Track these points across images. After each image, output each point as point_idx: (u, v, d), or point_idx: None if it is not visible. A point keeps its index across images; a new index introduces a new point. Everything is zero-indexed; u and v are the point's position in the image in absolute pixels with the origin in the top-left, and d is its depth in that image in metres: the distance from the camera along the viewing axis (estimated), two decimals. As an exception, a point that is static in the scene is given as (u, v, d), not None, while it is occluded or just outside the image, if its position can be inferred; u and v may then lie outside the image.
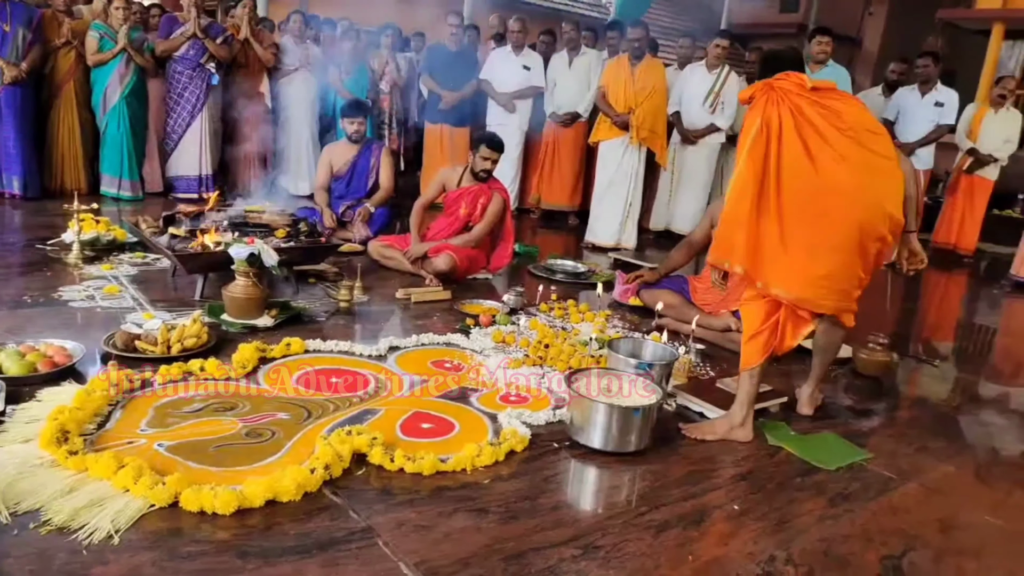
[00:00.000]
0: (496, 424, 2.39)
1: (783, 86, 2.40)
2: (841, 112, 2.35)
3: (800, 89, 2.38)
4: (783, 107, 2.37)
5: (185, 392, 2.41)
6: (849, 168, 2.30)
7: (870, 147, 2.33)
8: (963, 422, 2.96)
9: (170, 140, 5.86)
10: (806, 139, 2.33)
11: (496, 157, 4.20)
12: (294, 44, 6.35)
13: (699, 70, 6.06)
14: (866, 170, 2.31)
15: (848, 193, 2.30)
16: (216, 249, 3.27)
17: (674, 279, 3.80)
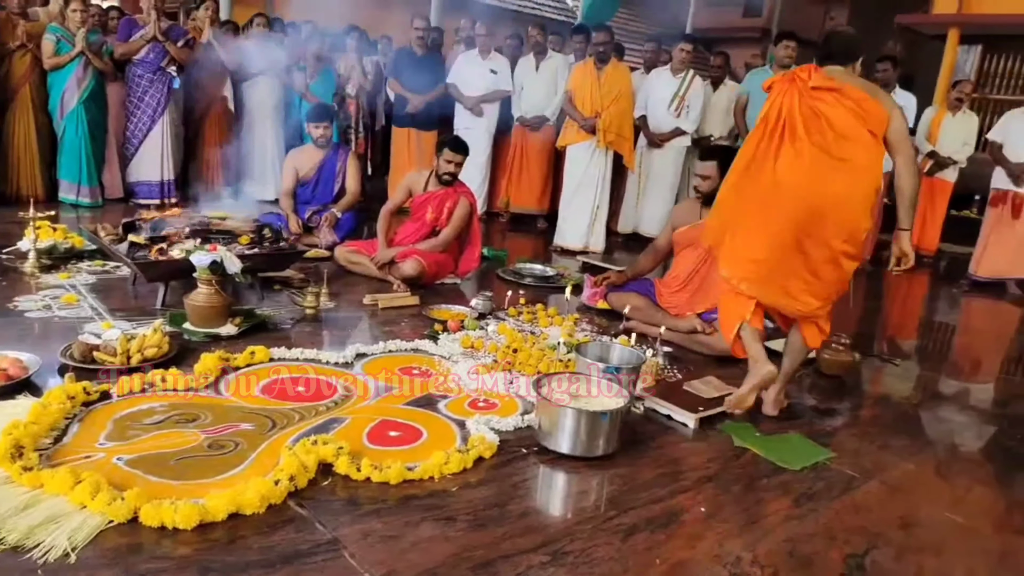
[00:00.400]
0: (464, 431, 2.38)
1: (801, 76, 2.50)
2: (830, 116, 2.43)
3: (803, 85, 2.48)
4: (788, 99, 2.49)
5: (145, 404, 2.35)
6: (799, 168, 2.44)
7: (836, 153, 2.43)
8: (924, 419, 3.03)
9: (130, 145, 5.75)
10: (784, 134, 2.47)
11: (460, 160, 4.19)
12: (258, 47, 6.25)
13: (664, 74, 6.12)
14: (815, 174, 2.42)
15: (788, 191, 2.45)
16: (177, 257, 3.21)
17: (641, 282, 3.82)
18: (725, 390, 2.82)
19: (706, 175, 3.51)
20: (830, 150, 2.42)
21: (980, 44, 9.37)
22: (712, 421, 2.65)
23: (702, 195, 3.56)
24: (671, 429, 2.59)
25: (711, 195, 3.50)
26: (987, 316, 5.38)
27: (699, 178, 3.56)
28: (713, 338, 3.36)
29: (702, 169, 3.55)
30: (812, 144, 2.43)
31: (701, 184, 3.55)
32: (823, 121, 2.42)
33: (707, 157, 3.57)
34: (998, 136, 5.83)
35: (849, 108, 2.44)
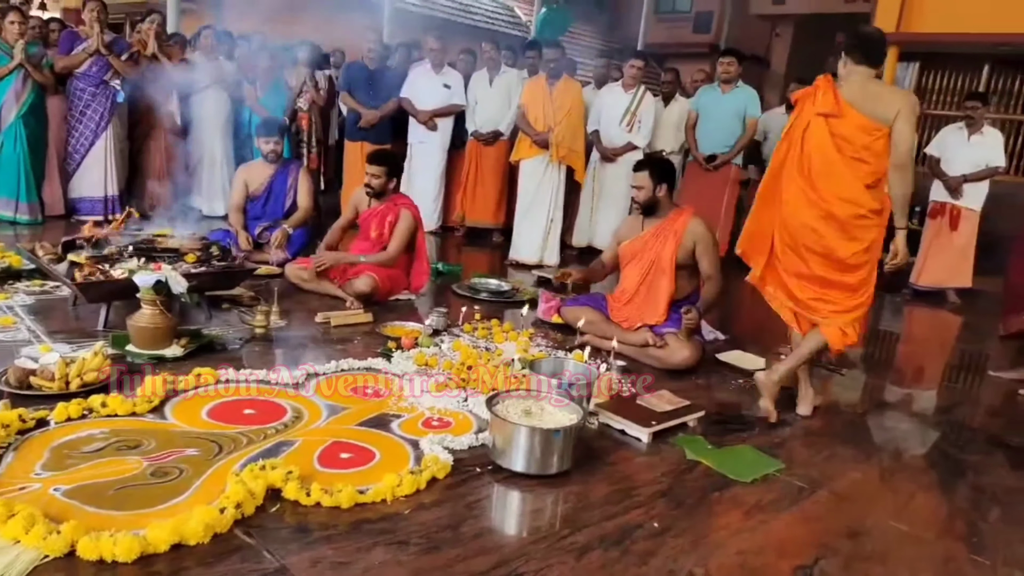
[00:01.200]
0: (418, 451, 2.35)
1: (822, 100, 2.78)
2: (834, 125, 2.75)
3: (827, 108, 2.76)
4: (806, 114, 2.81)
5: (85, 431, 2.27)
6: (797, 185, 2.81)
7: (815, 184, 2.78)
8: (869, 428, 3.10)
9: (72, 160, 5.58)
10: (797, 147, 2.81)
11: (376, 171, 4.14)
12: (205, 60, 6.16)
13: (616, 90, 6.20)
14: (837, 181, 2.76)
15: (787, 203, 2.86)
16: (120, 276, 3.12)
17: (593, 297, 3.85)
18: (677, 403, 2.85)
19: (640, 185, 3.56)
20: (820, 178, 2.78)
21: (918, 61, 9.73)
22: (665, 435, 2.67)
23: (640, 205, 3.61)
24: (624, 444, 2.61)
25: (648, 205, 3.57)
26: (929, 324, 5.56)
27: (634, 189, 3.60)
28: (665, 351, 3.40)
29: (636, 180, 3.59)
30: (799, 173, 2.80)
31: (637, 195, 3.59)
32: (850, 139, 2.74)
33: (639, 168, 3.61)
34: (935, 150, 6.04)
35: (838, 135, 2.74)
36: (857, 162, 2.74)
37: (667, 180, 3.56)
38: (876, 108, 2.72)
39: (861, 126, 2.72)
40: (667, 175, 3.58)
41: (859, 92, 2.76)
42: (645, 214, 3.61)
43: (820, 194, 2.78)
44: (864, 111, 2.73)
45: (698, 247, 3.48)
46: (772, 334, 4.40)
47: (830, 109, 2.74)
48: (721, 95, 6.00)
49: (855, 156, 2.74)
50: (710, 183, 6.01)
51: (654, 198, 3.55)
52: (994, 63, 9.28)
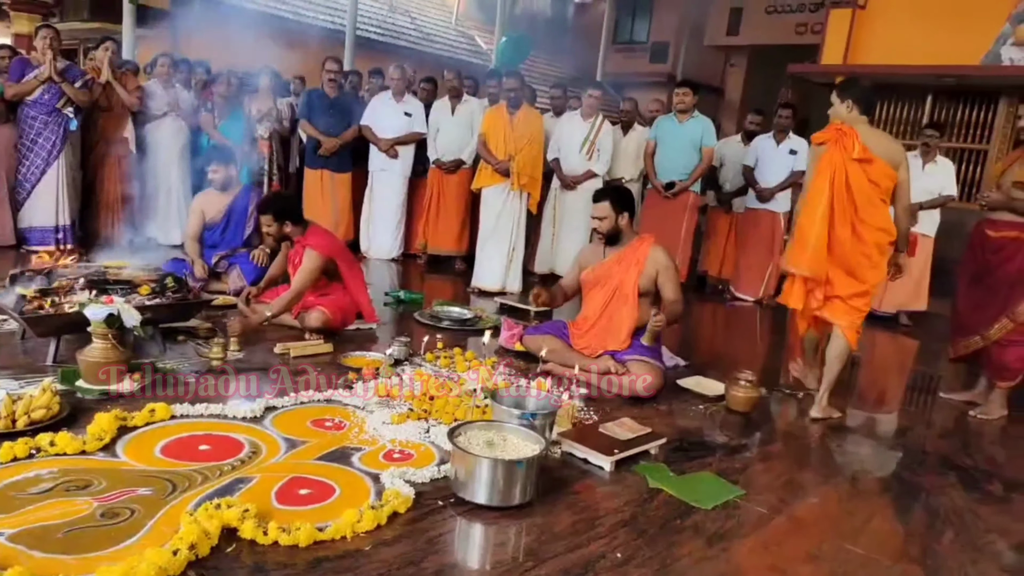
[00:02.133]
0: (379, 484, 2.32)
1: (845, 142, 3.27)
2: (869, 170, 3.26)
3: (849, 150, 3.26)
4: (839, 165, 3.29)
5: (32, 471, 2.19)
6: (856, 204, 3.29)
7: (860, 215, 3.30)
8: (827, 452, 3.15)
9: (22, 189, 5.44)
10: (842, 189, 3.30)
11: (266, 221, 3.93)
12: (161, 88, 6.09)
13: (575, 118, 6.29)
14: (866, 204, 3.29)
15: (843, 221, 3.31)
16: (70, 309, 3.03)
17: (555, 324, 3.87)
18: (639, 431, 2.86)
19: (601, 216, 3.59)
20: (856, 211, 3.30)
21: (865, 92, 10.08)
22: (627, 463, 2.68)
23: (602, 235, 3.64)
24: (588, 472, 2.61)
25: (611, 234, 3.61)
26: (883, 348, 5.69)
27: (595, 220, 3.63)
28: (626, 378, 3.42)
29: (597, 211, 3.61)
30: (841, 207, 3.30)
31: (599, 225, 3.62)
32: (869, 172, 3.26)
33: (599, 198, 3.64)
34: None
35: (871, 178, 3.27)
36: (882, 200, 3.32)
37: (627, 208, 3.62)
38: (890, 156, 3.29)
39: (885, 172, 3.28)
40: (627, 204, 3.63)
41: (873, 141, 3.29)
42: (608, 243, 3.65)
43: (867, 224, 3.29)
44: (884, 158, 3.27)
45: (660, 274, 3.52)
46: (730, 360, 4.47)
47: (862, 155, 3.24)
48: (678, 124, 6.13)
49: (881, 196, 3.31)
50: (669, 210, 6.11)
51: (616, 227, 3.59)
52: (937, 93, 9.65)
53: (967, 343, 3.90)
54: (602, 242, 3.68)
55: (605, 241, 3.65)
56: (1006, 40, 8.46)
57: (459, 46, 14.70)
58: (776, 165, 6.26)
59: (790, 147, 6.27)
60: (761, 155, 6.34)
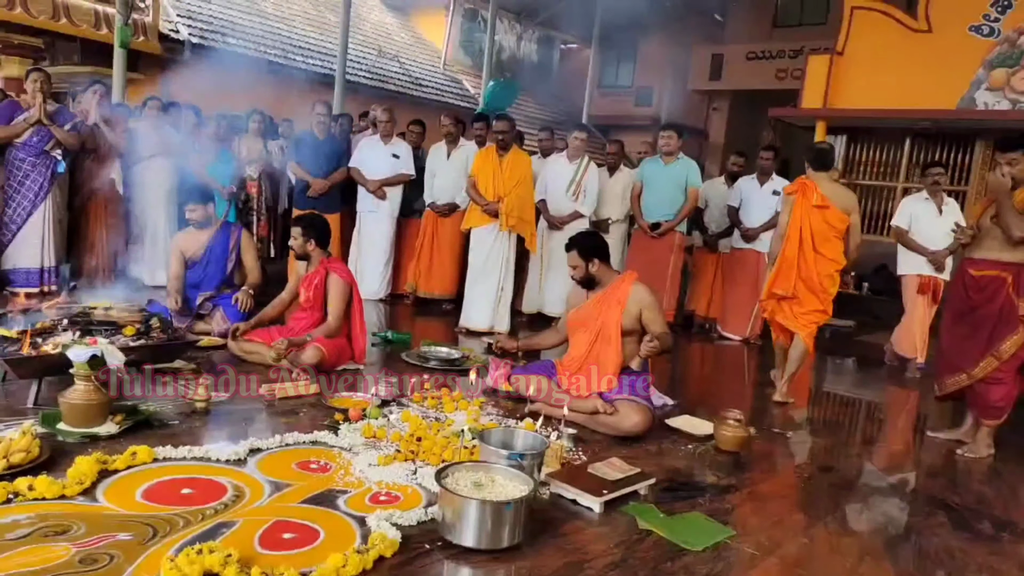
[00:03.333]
0: (365, 528, 2.28)
1: (807, 193, 4.30)
2: (826, 214, 4.28)
3: (810, 200, 4.30)
4: (803, 209, 4.31)
5: (10, 516, 2.14)
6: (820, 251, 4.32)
7: (817, 248, 4.32)
8: (816, 492, 3.14)
9: (7, 230, 5.40)
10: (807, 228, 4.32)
11: (295, 232, 4.21)
12: (151, 130, 6.12)
13: (561, 160, 6.38)
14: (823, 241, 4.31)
15: (806, 262, 4.32)
16: (52, 351, 3.00)
17: (543, 364, 3.86)
18: (628, 471, 2.84)
19: (573, 264, 3.65)
20: (814, 246, 4.31)
21: (845, 134, 10.29)
22: (617, 503, 2.65)
23: (578, 281, 3.69)
24: (577, 513, 2.58)
25: (586, 280, 3.64)
26: (871, 387, 5.71)
27: (570, 268, 3.68)
28: (615, 418, 3.41)
29: (569, 259, 3.67)
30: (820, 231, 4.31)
31: (573, 273, 3.67)
32: (827, 217, 4.28)
33: (568, 248, 3.68)
34: (903, 223, 5.89)
35: (827, 220, 4.28)
36: (836, 237, 4.31)
37: (596, 254, 3.63)
38: (844, 204, 4.30)
39: (838, 216, 4.28)
40: (595, 250, 3.64)
41: (829, 192, 4.31)
42: (586, 288, 3.68)
43: (822, 256, 4.30)
44: (837, 206, 4.27)
45: (644, 312, 3.54)
46: (719, 399, 4.48)
47: (821, 203, 4.25)
48: (663, 166, 6.23)
49: (836, 234, 4.30)
50: (656, 250, 6.16)
51: (588, 274, 3.63)
52: (915, 136, 9.87)
53: (953, 381, 3.91)
54: (581, 287, 3.72)
55: (584, 287, 3.69)
56: (980, 85, 8.70)
57: (447, 90, 14.92)
58: (760, 206, 6.35)
59: (773, 188, 6.36)
60: (745, 196, 6.43)
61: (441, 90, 14.72)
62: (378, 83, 12.98)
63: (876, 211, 10.18)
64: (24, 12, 8.46)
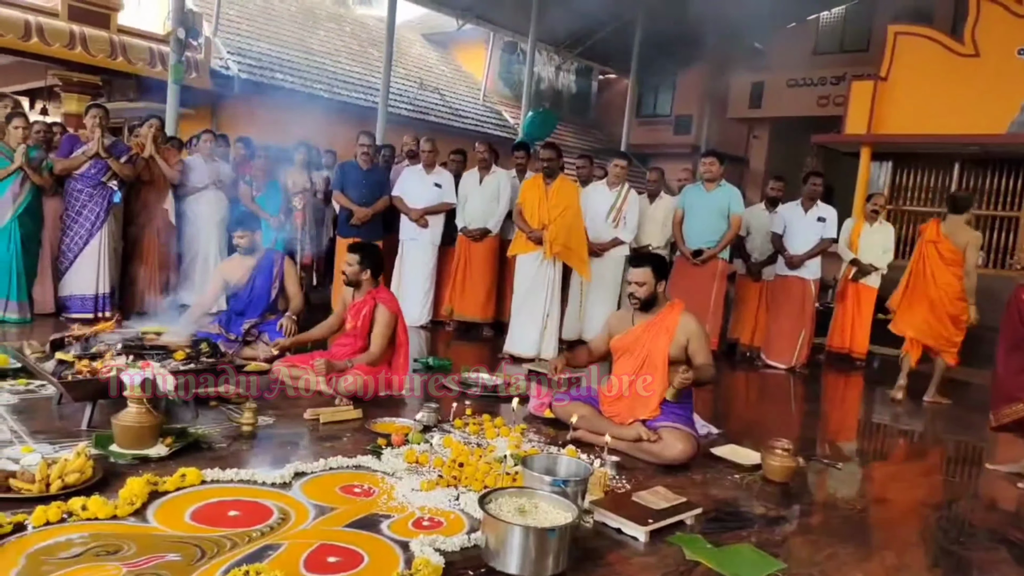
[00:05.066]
0: (408, 553, 2.27)
1: (931, 233, 5.49)
2: (942, 250, 5.40)
3: (928, 237, 5.52)
4: (925, 244, 5.53)
5: (63, 535, 2.19)
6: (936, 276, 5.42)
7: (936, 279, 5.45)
8: (869, 524, 3.03)
9: (65, 259, 5.61)
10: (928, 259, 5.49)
11: (351, 260, 4.23)
12: (203, 162, 6.33)
13: (601, 188, 6.40)
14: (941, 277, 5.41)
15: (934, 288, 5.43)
16: (106, 374, 3.08)
17: (585, 391, 3.83)
18: (674, 500, 2.79)
19: (642, 281, 3.55)
20: (934, 276, 5.43)
21: (891, 160, 10.12)
22: (662, 533, 2.60)
23: (639, 301, 3.59)
24: (621, 542, 2.53)
25: (648, 299, 3.58)
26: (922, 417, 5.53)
27: (634, 285, 3.59)
28: (659, 446, 3.36)
29: (637, 276, 3.57)
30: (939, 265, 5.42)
31: (637, 290, 3.57)
32: (942, 251, 5.41)
33: (641, 263, 3.61)
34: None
35: (941, 255, 5.41)
36: (952, 266, 5.35)
37: (665, 276, 3.63)
38: (957, 240, 5.32)
39: (951, 249, 5.35)
40: (666, 271, 3.65)
41: (950, 229, 5.39)
42: (643, 310, 3.63)
43: (938, 283, 5.41)
44: (952, 241, 5.35)
45: (691, 343, 3.49)
46: (764, 428, 4.38)
47: (934, 239, 5.41)
48: (705, 193, 6.19)
49: (950, 265, 5.35)
50: (698, 277, 6.11)
51: (654, 293, 3.58)
52: (963, 161, 9.66)
53: (1009, 411, 3.78)
54: (635, 307, 3.64)
55: (640, 306, 3.62)
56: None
57: (486, 120, 15.12)
58: (804, 232, 6.26)
59: (818, 215, 6.27)
60: (789, 222, 6.35)
61: (481, 121, 14.92)
62: (419, 115, 13.22)
63: (925, 238, 9.94)
64: (84, 51, 8.86)
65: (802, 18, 15.17)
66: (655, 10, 12.46)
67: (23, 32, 8.39)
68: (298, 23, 13.72)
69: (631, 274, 3.64)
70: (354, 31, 15.06)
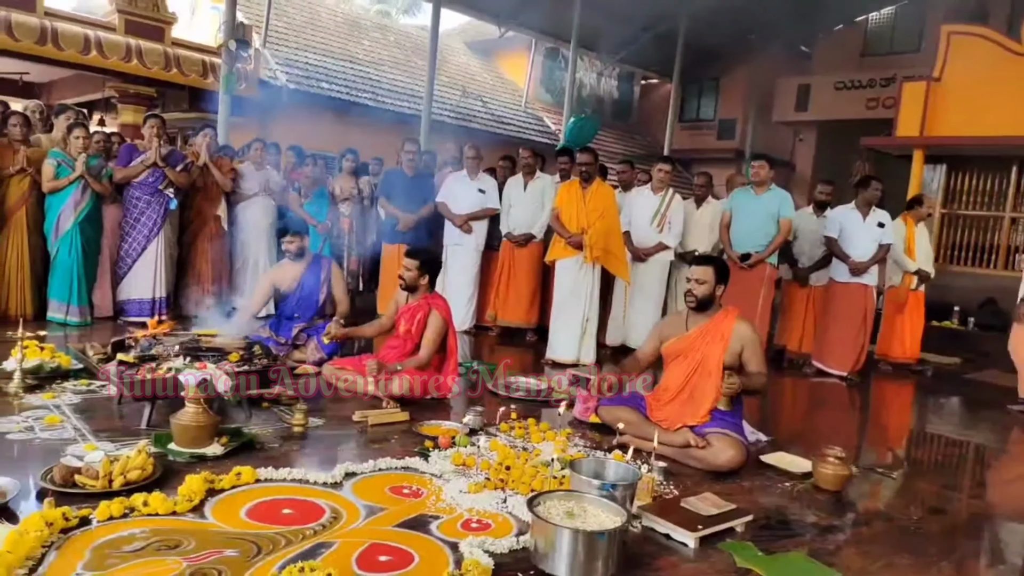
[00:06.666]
0: (457, 553, 2.29)
1: None
2: None
3: None
4: None
5: (126, 530, 2.27)
6: None
7: None
8: (927, 535, 2.95)
9: (123, 264, 5.81)
10: None
11: (410, 265, 4.28)
12: (254, 170, 6.48)
13: (645, 192, 6.37)
14: None
15: None
16: (165, 375, 3.18)
17: (632, 396, 3.80)
18: (723, 506, 2.76)
19: (703, 279, 3.52)
20: None
21: (944, 163, 9.85)
22: (712, 539, 2.57)
23: (696, 299, 3.54)
24: (670, 548, 2.51)
25: (704, 301, 3.55)
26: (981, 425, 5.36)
27: (694, 282, 3.55)
28: (707, 452, 3.32)
29: (698, 273, 3.53)
30: None
31: (696, 288, 3.53)
32: None
33: (704, 262, 3.60)
34: None
35: None
36: None
37: (725, 281, 3.59)
38: None
39: None
40: (727, 276, 3.60)
41: None
42: (697, 309, 3.60)
43: None
44: None
45: (746, 350, 3.45)
46: (814, 436, 4.30)
47: None
48: (754, 196, 6.12)
49: None
50: (746, 282, 6.01)
51: (712, 295, 3.55)
52: (1022, 164, 9.35)
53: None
54: (691, 307, 3.60)
55: (696, 306, 3.59)
56: (1094, 107, 8.19)
57: (528, 127, 15.16)
58: (863, 238, 6.10)
59: (877, 220, 6.13)
60: (845, 228, 6.18)
61: (523, 127, 14.97)
62: (462, 122, 13.32)
63: (981, 242, 9.66)
64: (139, 64, 9.15)
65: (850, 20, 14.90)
66: (699, 14, 12.37)
67: (83, 46, 8.71)
68: (343, 33, 13.99)
69: (692, 271, 3.61)
70: (398, 40, 15.28)
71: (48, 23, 8.54)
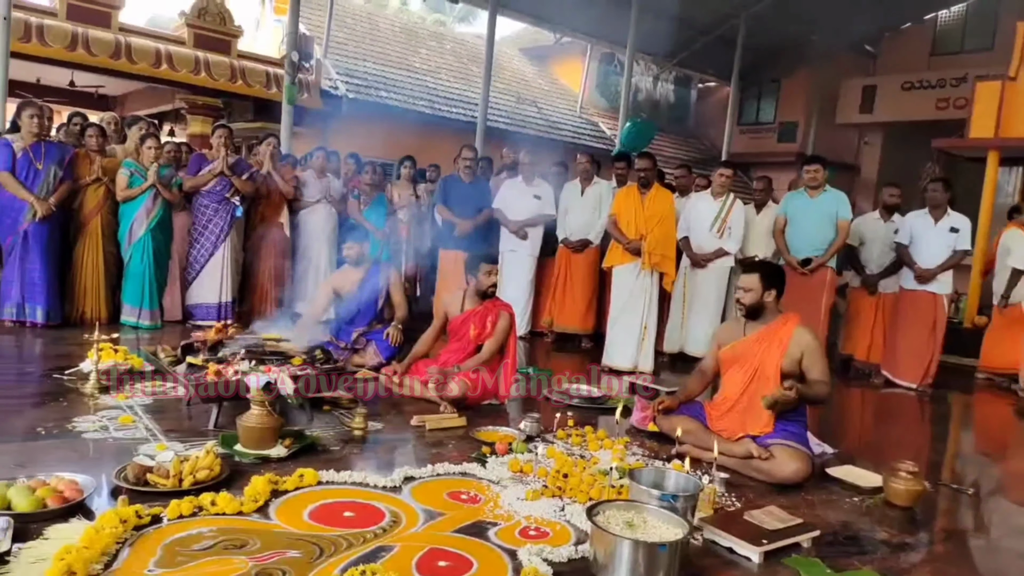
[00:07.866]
0: (516, 561, 2.28)
1: None
2: None
3: None
4: None
5: (195, 528, 2.33)
6: None
7: None
8: (1008, 558, 2.81)
9: (192, 269, 6.01)
10: None
11: (496, 270, 4.35)
12: (315, 178, 6.63)
13: (705, 197, 6.27)
14: None
15: None
16: (232, 377, 3.27)
17: (691, 405, 3.73)
18: (789, 520, 2.68)
19: (749, 287, 3.46)
20: None
21: (1021, 166, 9.42)
22: (777, 554, 2.50)
23: (745, 307, 3.49)
24: (733, 562, 2.45)
25: (755, 308, 3.47)
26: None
27: (741, 291, 3.50)
28: (771, 464, 3.23)
29: (745, 282, 3.49)
30: None
31: (743, 296, 3.48)
32: None
33: (750, 270, 3.54)
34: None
35: None
36: None
37: (776, 286, 3.49)
38: None
39: None
40: (777, 281, 3.51)
41: None
42: (749, 317, 3.53)
43: None
44: None
45: (806, 357, 3.35)
46: (885, 449, 4.14)
47: None
48: (810, 200, 5.96)
49: None
50: (805, 288, 5.85)
51: (761, 303, 3.47)
52: (1108, 164, 8.87)
53: None
54: (742, 315, 3.55)
55: (747, 314, 3.52)
56: None
57: (583, 132, 15.11)
58: (936, 244, 5.86)
59: (950, 224, 5.88)
60: (916, 233, 5.95)
61: (577, 133, 14.93)
62: (517, 127, 13.37)
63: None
64: (207, 76, 9.49)
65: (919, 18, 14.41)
66: (759, 15, 12.13)
67: (154, 60, 9.07)
68: (401, 43, 14.22)
69: (739, 279, 3.57)
70: (454, 48, 15.45)
71: (122, 38, 8.93)
